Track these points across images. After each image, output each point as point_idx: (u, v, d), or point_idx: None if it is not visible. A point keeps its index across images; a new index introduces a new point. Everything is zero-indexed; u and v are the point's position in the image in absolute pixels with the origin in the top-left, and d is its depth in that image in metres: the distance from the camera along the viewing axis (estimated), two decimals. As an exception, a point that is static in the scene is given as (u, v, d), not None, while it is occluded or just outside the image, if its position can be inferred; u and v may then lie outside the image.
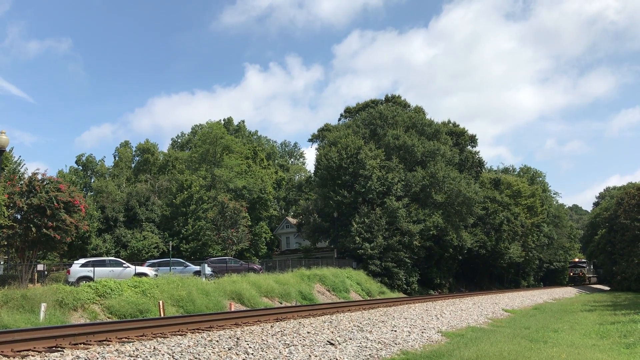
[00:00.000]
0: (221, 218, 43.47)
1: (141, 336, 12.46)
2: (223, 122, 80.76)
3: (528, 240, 78.03)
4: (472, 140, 71.95)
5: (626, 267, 69.10)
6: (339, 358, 12.94)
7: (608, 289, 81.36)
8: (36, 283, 27.17)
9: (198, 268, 33.10)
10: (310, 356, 12.47)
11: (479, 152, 72.21)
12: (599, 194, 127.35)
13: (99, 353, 9.89)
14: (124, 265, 29.67)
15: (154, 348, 10.70)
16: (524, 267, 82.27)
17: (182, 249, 51.00)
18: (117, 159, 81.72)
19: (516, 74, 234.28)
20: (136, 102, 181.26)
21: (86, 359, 9.51)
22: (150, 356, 10.16)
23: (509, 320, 27.93)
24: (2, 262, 34.84)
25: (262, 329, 14.42)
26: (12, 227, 27.25)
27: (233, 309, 23.02)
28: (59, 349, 10.55)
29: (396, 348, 15.31)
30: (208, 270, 32.52)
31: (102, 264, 29.24)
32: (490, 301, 37.62)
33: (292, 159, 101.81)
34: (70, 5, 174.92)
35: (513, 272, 79.93)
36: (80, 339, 11.50)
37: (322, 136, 66.88)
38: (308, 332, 14.70)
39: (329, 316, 18.82)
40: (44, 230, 27.28)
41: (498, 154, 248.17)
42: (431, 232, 51.70)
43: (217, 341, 12.06)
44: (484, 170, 78.13)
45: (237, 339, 12.55)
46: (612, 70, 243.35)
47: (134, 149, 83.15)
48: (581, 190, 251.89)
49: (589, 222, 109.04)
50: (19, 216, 28.13)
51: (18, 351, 10.15)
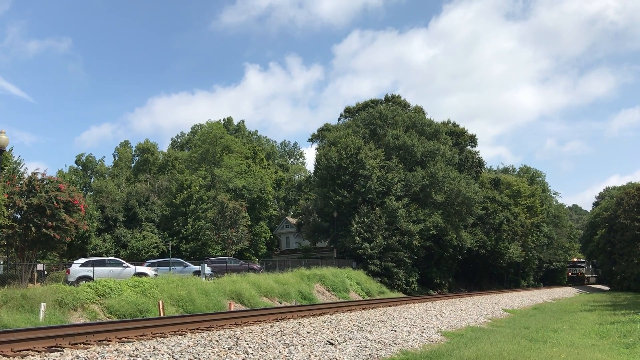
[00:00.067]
0: (221, 218, 43.48)
1: (141, 336, 12.47)
2: (223, 122, 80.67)
3: (528, 240, 78.06)
4: (472, 140, 72.03)
5: (626, 267, 69.14)
6: (338, 358, 12.94)
7: (608, 288, 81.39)
8: (36, 283, 27.22)
9: (198, 268, 33.06)
10: (310, 356, 12.47)
11: (479, 152, 72.44)
12: (599, 194, 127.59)
13: (98, 353, 9.89)
14: (123, 265, 29.67)
15: (154, 348, 10.70)
16: (523, 267, 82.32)
17: (181, 248, 50.97)
18: (116, 158, 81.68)
19: (516, 74, 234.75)
20: (136, 102, 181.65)
21: (86, 359, 9.50)
22: (150, 356, 10.16)
23: (508, 320, 27.94)
24: (1, 262, 34.79)
25: (262, 328, 14.42)
26: (11, 226, 27.27)
27: (233, 309, 23.03)
28: (59, 348, 10.55)
29: (396, 348, 15.31)
30: (208, 270, 32.47)
31: (102, 263, 29.25)
32: (489, 301, 37.63)
33: (292, 159, 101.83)
34: (70, 5, 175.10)
35: (513, 272, 79.99)
36: (80, 339, 11.51)
37: (321, 136, 66.94)
38: (308, 332, 14.69)
39: (328, 316, 18.82)
40: (44, 230, 27.30)
41: (498, 154, 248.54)
42: (431, 232, 51.74)
43: (216, 341, 12.06)
44: (483, 170, 78.16)
45: (237, 338, 12.54)
46: (612, 70, 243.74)
47: (133, 148, 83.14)
48: (581, 190, 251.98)
49: (589, 222, 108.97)
50: (18, 216, 28.15)
51: (18, 351, 10.15)
